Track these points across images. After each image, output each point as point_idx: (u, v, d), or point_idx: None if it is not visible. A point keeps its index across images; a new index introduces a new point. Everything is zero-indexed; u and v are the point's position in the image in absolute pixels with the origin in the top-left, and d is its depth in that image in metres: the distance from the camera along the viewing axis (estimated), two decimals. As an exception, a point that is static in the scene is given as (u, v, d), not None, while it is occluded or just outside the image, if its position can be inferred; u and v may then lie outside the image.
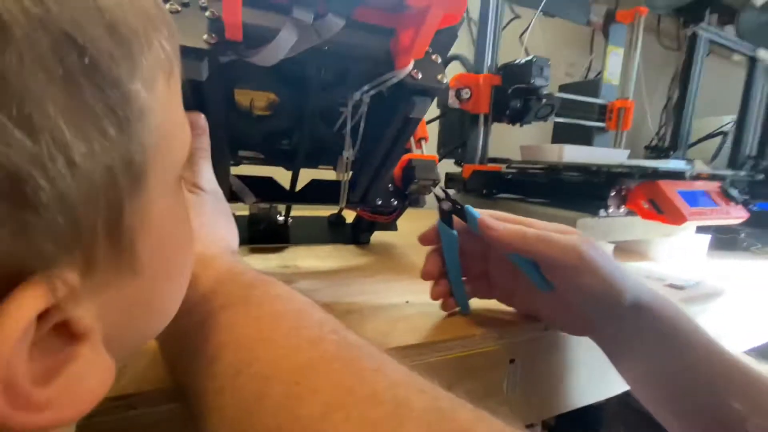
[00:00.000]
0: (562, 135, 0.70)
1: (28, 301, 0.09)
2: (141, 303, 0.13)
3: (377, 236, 0.52)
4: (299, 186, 0.41)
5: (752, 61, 0.71)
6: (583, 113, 0.64)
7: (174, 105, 0.13)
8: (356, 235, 0.52)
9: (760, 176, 0.63)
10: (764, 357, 0.29)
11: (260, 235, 0.46)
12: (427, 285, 0.37)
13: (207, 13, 0.22)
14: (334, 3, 0.21)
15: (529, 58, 0.49)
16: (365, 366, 0.15)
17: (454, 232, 0.29)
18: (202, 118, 0.26)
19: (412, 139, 0.42)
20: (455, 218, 0.29)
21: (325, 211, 0.56)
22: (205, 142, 0.26)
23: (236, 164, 0.39)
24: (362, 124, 0.33)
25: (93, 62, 0.09)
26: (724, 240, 0.59)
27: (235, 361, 0.16)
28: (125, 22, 0.10)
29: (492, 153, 0.58)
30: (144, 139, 0.11)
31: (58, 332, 0.10)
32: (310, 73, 0.27)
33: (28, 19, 0.08)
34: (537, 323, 0.30)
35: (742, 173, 0.55)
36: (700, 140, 0.76)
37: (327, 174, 0.41)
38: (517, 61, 0.51)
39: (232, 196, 0.37)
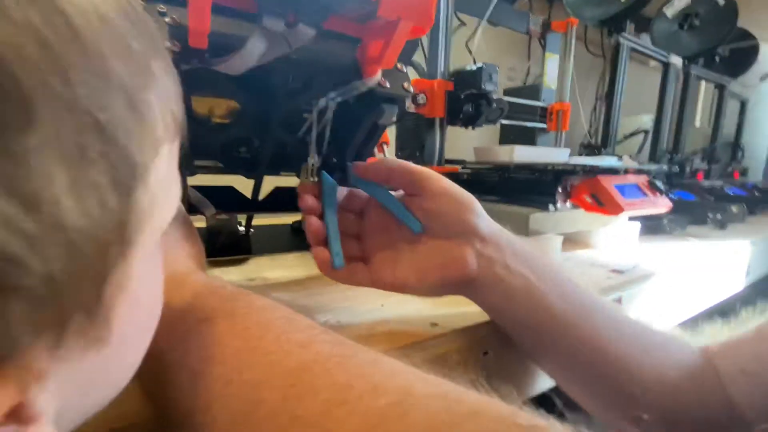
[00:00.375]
0: (508, 136, 0.75)
1: None
2: (101, 374, 0.12)
3: (342, 241, 0.52)
4: (262, 194, 0.40)
5: (666, 66, 0.80)
6: (526, 115, 0.69)
7: (172, 165, 0.13)
8: (321, 242, 0.51)
9: (676, 168, 0.72)
10: (695, 330, 0.33)
11: (220, 247, 0.44)
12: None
13: (167, 19, 0.21)
14: (305, 12, 0.21)
15: (479, 65, 0.52)
16: (361, 361, 0.16)
17: (334, 181, 0.29)
18: None
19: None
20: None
21: (287, 218, 0.55)
22: None
23: (191, 174, 0.37)
24: (328, 131, 0.33)
25: (110, 139, 0.09)
26: (651, 226, 0.66)
27: (223, 372, 0.15)
28: (145, 98, 0.10)
29: (447, 155, 0.60)
30: (141, 204, 0.10)
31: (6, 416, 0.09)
32: (276, 82, 0.27)
33: (55, 100, 0.08)
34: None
35: (664, 167, 0.62)
36: (625, 137, 0.84)
37: (290, 180, 0.41)
38: (467, 68, 0.54)
39: (190, 209, 0.35)
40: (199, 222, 0.41)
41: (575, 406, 0.31)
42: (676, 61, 0.81)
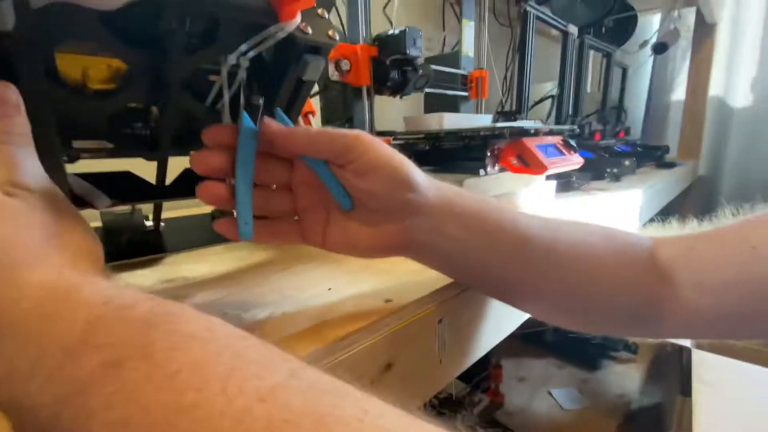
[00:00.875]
0: (432, 106, 0.75)
1: None
2: None
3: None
4: (169, 178, 0.33)
5: (565, 35, 0.86)
6: (449, 84, 0.69)
7: None
8: (248, 229, 0.46)
9: (577, 130, 0.80)
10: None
11: (124, 249, 0.36)
12: (346, 264, 0.36)
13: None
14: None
15: (401, 29, 0.49)
16: (349, 416, 0.12)
17: (255, 127, 0.23)
18: (11, 90, 0.18)
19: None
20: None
21: (205, 207, 0.48)
22: (21, 124, 0.19)
23: (72, 160, 0.29)
24: (242, 95, 0.28)
25: None
26: (561, 184, 0.73)
27: None
28: None
29: (376, 128, 0.58)
30: None
31: None
32: (168, 27, 0.22)
33: None
34: (452, 283, 0.31)
35: (576, 128, 0.68)
36: (536, 103, 0.90)
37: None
38: (390, 32, 0.51)
39: (74, 202, 0.28)
40: (93, 220, 0.33)
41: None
42: (573, 30, 0.88)
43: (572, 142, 0.53)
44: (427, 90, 0.65)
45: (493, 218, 0.27)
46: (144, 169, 0.33)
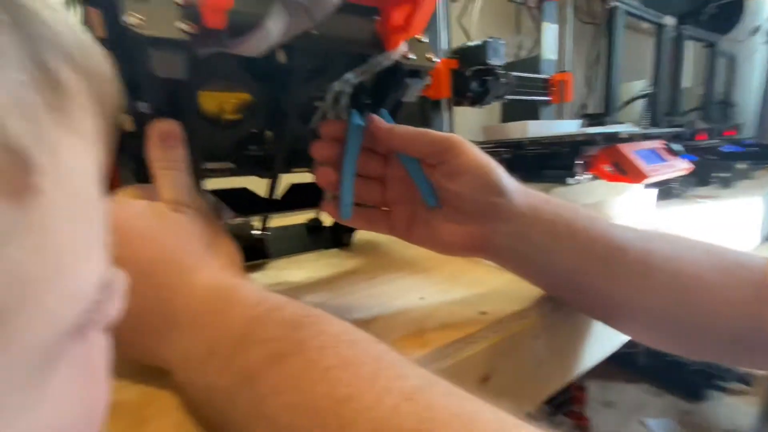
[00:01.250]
0: (511, 112, 0.73)
1: None
2: None
3: (357, 236, 0.50)
4: (276, 193, 0.37)
5: (659, 28, 0.79)
6: (528, 89, 0.67)
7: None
8: (337, 238, 0.49)
9: (681, 132, 0.72)
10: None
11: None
12: (434, 275, 0.37)
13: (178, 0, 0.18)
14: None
15: (483, 39, 0.49)
16: (488, 421, 0.13)
17: (361, 122, 0.27)
18: (176, 126, 0.22)
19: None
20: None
21: (300, 217, 0.52)
22: (181, 154, 0.23)
23: (202, 179, 0.34)
24: (344, 118, 0.30)
25: None
26: (662, 191, 0.66)
27: (322, 426, 0.13)
28: None
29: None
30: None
31: None
32: (292, 66, 0.25)
33: None
34: (548, 297, 0.30)
35: (680, 130, 0.62)
36: (625, 104, 0.84)
37: (305, 177, 0.38)
38: (470, 44, 0.52)
39: (206, 216, 0.33)
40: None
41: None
42: (670, 21, 0.80)
43: (676, 147, 0.48)
44: (505, 97, 0.64)
45: (583, 226, 0.26)
46: (254, 186, 0.37)
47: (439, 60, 0.26)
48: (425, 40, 0.26)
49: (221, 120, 0.29)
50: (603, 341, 0.35)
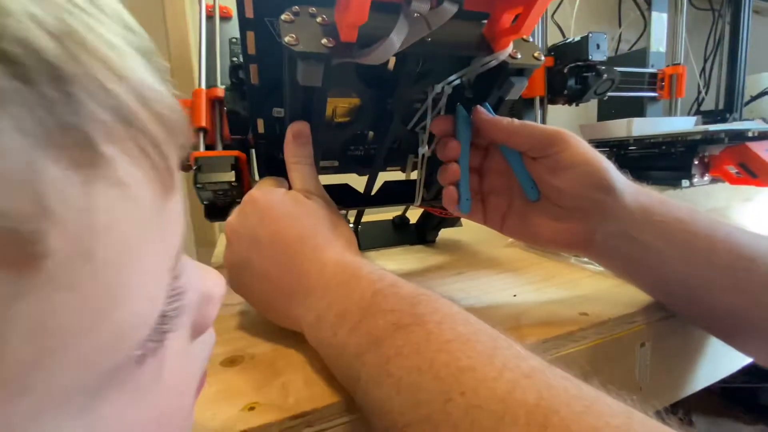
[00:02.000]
0: (609, 109, 0.68)
1: None
2: None
3: (440, 235, 0.52)
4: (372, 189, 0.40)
5: (804, 10, 0.67)
6: (630, 85, 0.62)
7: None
8: (422, 235, 0.51)
9: None
10: None
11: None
12: (526, 275, 0.36)
13: (318, 20, 0.22)
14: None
15: (584, 35, 0.47)
16: (611, 407, 0.13)
17: (467, 114, 0.28)
18: (307, 126, 0.26)
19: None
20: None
21: (387, 214, 0.55)
22: (309, 151, 0.26)
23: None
24: (442, 113, 0.32)
25: None
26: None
27: (441, 388, 0.14)
28: None
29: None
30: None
31: None
32: (403, 69, 0.27)
33: None
34: (660, 305, 0.28)
35: None
36: (753, 98, 0.72)
37: (396, 174, 0.41)
38: (569, 40, 0.50)
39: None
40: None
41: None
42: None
43: (827, 145, 0.41)
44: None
45: (705, 231, 0.24)
46: (353, 182, 0.40)
47: (544, 58, 0.27)
48: (530, 39, 0.27)
49: (333, 122, 0.32)
50: (718, 361, 0.32)
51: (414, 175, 0.40)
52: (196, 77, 0.41)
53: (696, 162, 0.41)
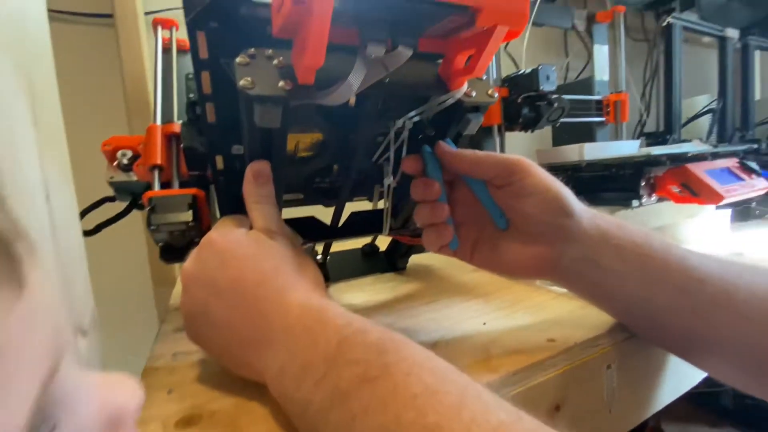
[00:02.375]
0: (562, 134, 0.72)
1: None
2: None
3: (411, 260, 0.52)
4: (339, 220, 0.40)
5: (722, 41, 0.75)
6: (580, 111, 0.67)
7: None
8: (392, 263, 0.51)
9: (755, 146, 0.67)
10: None
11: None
12: (495, 300, 0.37)
13: (274, 62, 0.22)
14: (403, 34, 0.21)
15: (534, 67, 0.50)
16: None
17: (431, 150, 0.29)
18: (267, 166, 0.25)
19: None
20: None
21: (356, 243, 0.55)
22: (271, 190, 0.26)
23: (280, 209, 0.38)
24: (404, 150, 0.33)
25: None
26: (739, 212, 0.61)
27: None
28: None
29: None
30: None
31: None
32: (364, 107, 0.27)
33: None
34: (622, 326, 0.29)
35: (754, 146, 0.58)
36: (689, 120, 0.79)
37: (363, 205, 0.41)
38: (521, 72, 0.53)
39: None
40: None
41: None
42: (733, 34, 0.76)
43: (752, 164, 0.45)
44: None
45: (660, 254, 0.25)
46: (319, 213, 0.40)
47: (497, 96, 0.28)
48: (484, 77, 0.28)
49: (295, 157, 0.32)
50: (681, 376, 0.33)
51: (381, 205, 0.40)
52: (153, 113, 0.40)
53: (643, 183, 0.43)
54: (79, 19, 0.66)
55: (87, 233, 0.38)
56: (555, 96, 0.51)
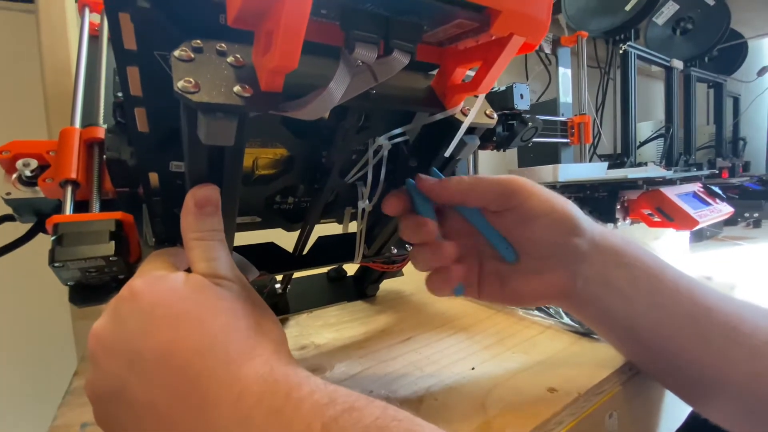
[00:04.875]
0: (528, 154, 0.72)
1: None
2: None
3: (381, 285, 0.47)
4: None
5: (669, 71, 0.80)
6: (548, 132, 0.67)
7: None
8: (361, 290, 0.46)
9: (717, 171, 0.71)
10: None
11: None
12: (479, 335, 0.33)
13: (229, 59, 0.17)
14: (398, 37, 0.17)
15: (508, 85, 0.49)
16: None
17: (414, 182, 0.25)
18: (214, 192, 0.20)
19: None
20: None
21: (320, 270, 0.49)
22: (219, 222, 0.20)
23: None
24: (383, 172, 0.29)
25: None
26: (694, 233, 0.64)
27: None
28: None
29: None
30: None
31: None
32: (348, 124, 0.23)
33: None
34: (621, 370, 0.27)
35: (715, 170, 0.60)
36: (642, 144, 0.83)
37: (333, 228, 0.36)
38: (495, 89, 0.51)
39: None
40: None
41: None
42: (678, 65, 0.82)
43: (716, 189, 0.46)
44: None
45: (670, 279, 0.23)
46: (280, 237, 0.34)
47: (496, 117, 0.25)
48: (482, 97, 0.25)
49: (253, 176, 0.27)
50: (676, 414, 0.32)
51: (351, 227, 0.35)
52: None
53: (618, 206, 0.43)
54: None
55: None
56: (529, 115, 0.50)
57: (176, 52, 0.16)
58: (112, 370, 0.16)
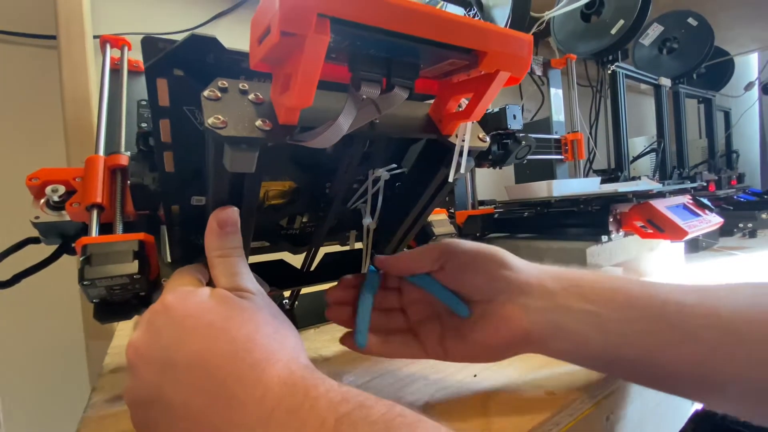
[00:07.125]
0: (524, 170, 0.75)
1: None
2: None
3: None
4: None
5: (657, 88, 0.83)
6: (542, 149, 0.69)
7: None
8: (366, 305, 0.47)
9: (704, 183, 0.73)
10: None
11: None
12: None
13: (250, 96, 0.19)
14: (398, 75, 0.19)
15: (501, 106, 0.52)
16: None
17: (376, 270, 0.29)
18: (236, 213, 0.22)
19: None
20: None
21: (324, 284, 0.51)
22: (239, 240, 0.22)
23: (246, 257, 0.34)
24: (380, 196, 0.31)
25: None
26: (689, 244, 0.65)
27: None
28: None
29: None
30: None
31: None
32: (353, 152, 0.25)
33: None
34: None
35: (703, 183, 0.62)
36: (634, 159, 0.86)
37: (337, 246, 0.38)
38: (489, 111, 0.54)
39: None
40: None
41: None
42: (666, 82, 0.85)
43: (705, 200, 0.48)
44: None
45: (619, 285, 0.24)
46: (289, 256, 0.36)
47: (489, 140, 0.27)
48: (476, 122, 0.27)
49: (265, 205, 0.29)
50: (671, 416, 0.33)
51: (356, 245, 0.37)
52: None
53: (611, 219, 0.45)
54: (20, 39, 0.60)
55: (1, 285, 0.31)
56: (522, 134, 0.53)
57: (205, 92, 0.18)
58: (149, 377, 0.17)
